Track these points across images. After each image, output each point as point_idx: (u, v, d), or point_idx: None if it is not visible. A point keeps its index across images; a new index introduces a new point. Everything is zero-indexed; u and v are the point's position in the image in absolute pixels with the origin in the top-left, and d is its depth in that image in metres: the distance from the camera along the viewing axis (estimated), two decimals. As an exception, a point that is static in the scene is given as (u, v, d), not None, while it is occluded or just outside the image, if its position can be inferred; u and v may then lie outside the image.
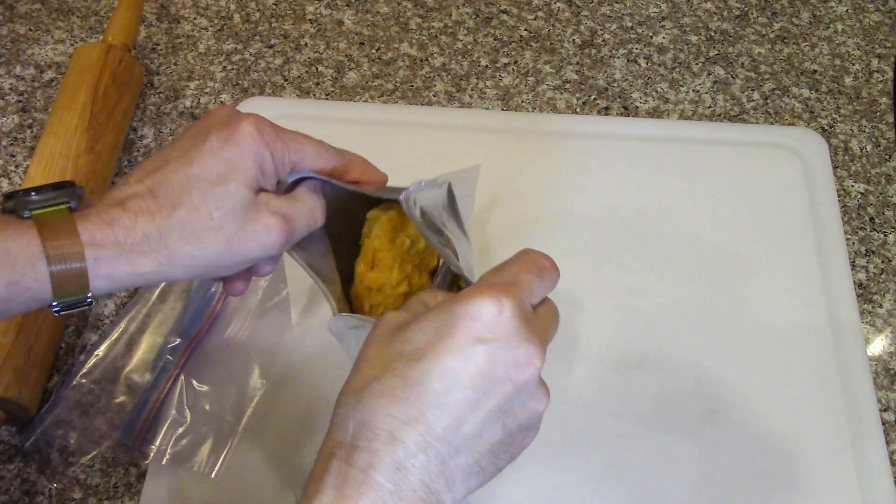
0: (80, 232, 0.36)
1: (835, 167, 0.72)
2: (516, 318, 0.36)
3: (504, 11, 0.80)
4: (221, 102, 0.73)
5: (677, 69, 0.77)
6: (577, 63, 0.77)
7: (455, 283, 0.48)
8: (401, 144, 0.70)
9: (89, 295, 0.37)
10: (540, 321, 0.39)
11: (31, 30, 0.77)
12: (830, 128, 0.74)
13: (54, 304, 0.37)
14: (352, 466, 0.34)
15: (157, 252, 0.38)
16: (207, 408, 0.57)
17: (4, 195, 0.39)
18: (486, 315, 0.35)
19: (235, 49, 0.77)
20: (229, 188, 0.39)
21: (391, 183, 0.49)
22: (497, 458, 0.38)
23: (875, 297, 0.66)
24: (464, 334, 0.35)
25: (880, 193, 0.71)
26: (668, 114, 0.74)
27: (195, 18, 0.78)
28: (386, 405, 0.35)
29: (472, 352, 0.35)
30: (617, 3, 0.81)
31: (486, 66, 0.76)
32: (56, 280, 0.36)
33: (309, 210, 0.43)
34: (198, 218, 0.38)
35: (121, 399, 0.58)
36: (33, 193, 0.38)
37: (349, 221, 0.48)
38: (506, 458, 0.38)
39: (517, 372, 0.36)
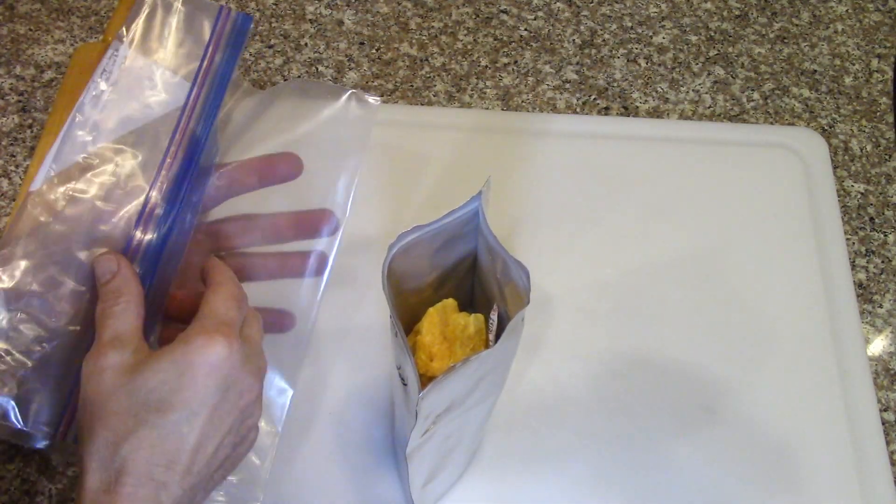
0: None
1: (835, 167, 0.72)
2: (241, 355, 0.42)
3: (504, 11, 0.80)
4: (221, 102, 0.73)
5: (677, 69, 0.77)
6: (577, 63, 0.77)
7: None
8: (401, 144, 0.70)
9: None
10: (252, 345, 0.44)
11: (31, 30, 0.77)
12: (830, 128, 0.74)
13: None
14: None
15: None
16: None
17: None
18: (221, 358, 0.41)
19: (235, 49, 0.76)
20: None
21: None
22: (224, 471, 0.44)
23: (875, 297, 0.66)
24: (204, 381, 0.40)
25: (880, 193, 0.71)
26: (668, 114, 0.74)
27: (195, 18, 0.78)
28: (146, 456, 0.39)
29: (212, 394, 0.41)
30: (617, 3, 0.81)
31: (486, 66, 0.76)
32: None
33: None
34: None
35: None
36: None
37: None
38: (230, 468, 0.44)
39: (242, 400, 0.42)
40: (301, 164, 0.51)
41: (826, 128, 0.74)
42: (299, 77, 0.75)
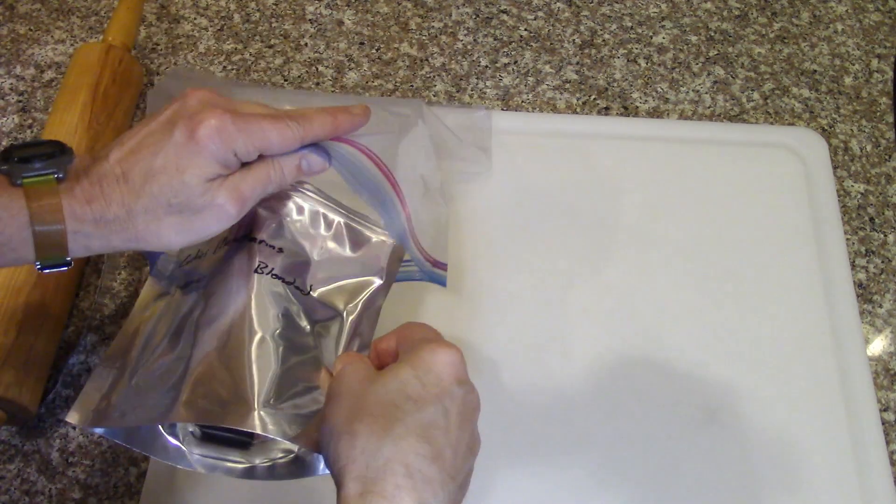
0: (64, 206, 0.42)
1: (835, 167, 0.72)
2: (463, 364, 0.43)
3: (504, 11, 0.80)
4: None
5: (677, 69, 0.77)
6: (577, 63, 0.77)
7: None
8: (401, 144, 0.70)
9: (68, 258, 0.43)
10: None
11: (31, 30, 0.77)
12: (830, 128, 0.74)
13: (37, 263, 0.43)
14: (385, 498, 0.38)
15: (125, 231, 0.44)
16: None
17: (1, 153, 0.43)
18: (454, 358, 0.43)
19: (235, 49, 0.76)
20: (185, 179, 0.44)
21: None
22: (463, 487, 0.42)
23: (875, 297, 0.66)
24: (448, 378, 0.42)
25: (880, 193, 0.71)
26: (668, 114, 0.74)
27: (195, 18, 0.78)
28: (413, 445, 0.39)
29: (456, 390, 0.42)
30: (617, 3, 0.81)
31: (486, 66, 0.76)
32: (40, 247, 0.42)
33: (262, 175, 0.47)
34: (158, 205, 0.44)
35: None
36: (28, 160, 0.42)
37: None
38: (466, 484, 0.43)
39: (472, 401, 0.43)
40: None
41: (826, 128, 0.74)
42: (300, 76, 0.75)
